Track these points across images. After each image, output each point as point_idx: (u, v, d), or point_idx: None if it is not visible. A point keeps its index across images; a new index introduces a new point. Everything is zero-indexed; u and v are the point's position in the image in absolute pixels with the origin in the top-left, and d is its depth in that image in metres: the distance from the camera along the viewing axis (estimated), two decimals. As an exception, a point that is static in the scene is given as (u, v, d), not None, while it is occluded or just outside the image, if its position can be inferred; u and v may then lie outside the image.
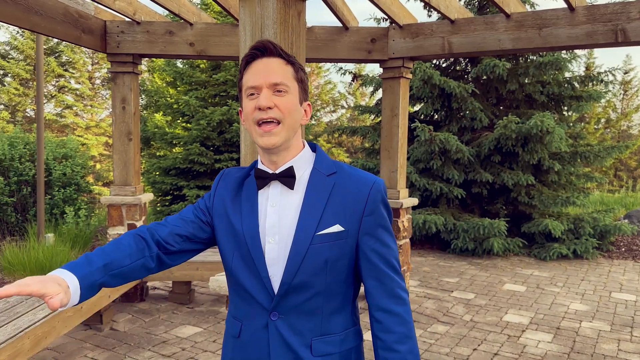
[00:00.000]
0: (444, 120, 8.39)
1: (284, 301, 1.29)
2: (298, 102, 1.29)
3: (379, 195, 1.30)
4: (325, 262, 1.27)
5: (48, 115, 18.38)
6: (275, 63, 1.27)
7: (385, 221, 1.32)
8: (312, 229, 1.26)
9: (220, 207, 1.38)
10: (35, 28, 3.89)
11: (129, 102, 4.90)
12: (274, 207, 1.30)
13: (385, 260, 1.31)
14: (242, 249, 1.32)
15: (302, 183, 1.31)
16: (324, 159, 1.35)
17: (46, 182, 7.20)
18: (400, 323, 1.30)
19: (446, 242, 7.72)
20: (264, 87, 1.25)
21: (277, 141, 1.25)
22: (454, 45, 4.70)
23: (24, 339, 3.20)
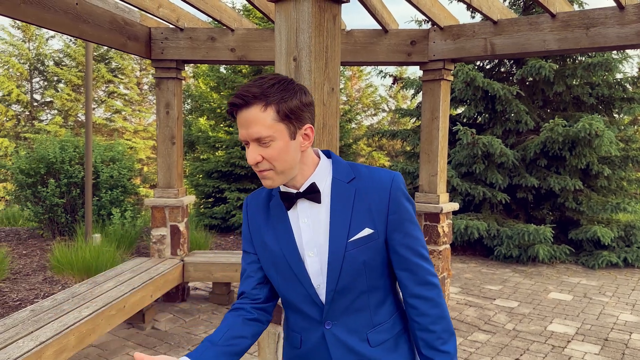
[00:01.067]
0: (488, 123, 8.21)
1: (333, 308, 1.37)
2: (288, 140, 1.27)
3: (400, 191, 1.36)
4: (363, 263, 1.34)
5: (98, 120, 19.06)
6: (252, 113, 1.24)
7: (409, 214, 1.38)
8: (344, 237, 1.33)
9: (256, 233, 1.45)
10: (83, 35, 4.04)
11: (172, 107, 5.02)
12: (306, 223, 1.37)
13: (414, 251, 1.37)
14: (285, 269, 1.39)
15: (325, 194, 1.36)
16: (340, 165, 1.39)
17: (94, 184, 7.46)
18: (434, 306, 1.38)
19: (489, 249, 7.54)
20: (250, 141, 1.28)
21: (273, 184, 1.32)
22: (497, 46, 4.59)
23: (69, 335, 3.32)
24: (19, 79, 19.13)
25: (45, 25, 3.63)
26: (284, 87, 1.26)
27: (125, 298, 4.00)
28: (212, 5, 4.53)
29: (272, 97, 1.24)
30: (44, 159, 7.24)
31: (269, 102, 1.24)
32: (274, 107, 1.24)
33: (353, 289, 1.36)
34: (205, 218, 8.50)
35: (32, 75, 19.38)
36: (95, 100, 19.74)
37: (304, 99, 1.29)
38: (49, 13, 3.63)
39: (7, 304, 4.81)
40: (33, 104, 19.41)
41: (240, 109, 1.25)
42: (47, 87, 19.57)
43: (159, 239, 5.04)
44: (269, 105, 1.24)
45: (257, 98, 1.23)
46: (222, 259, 5.09)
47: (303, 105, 1.29)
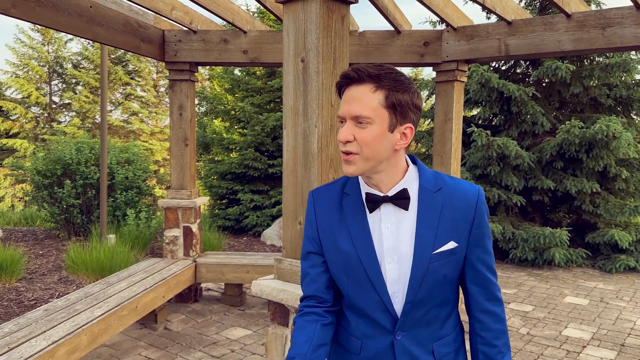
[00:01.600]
0: (503, 124, 8.12)
1: (407, 319, 1.35)
2: (386, 129, 1.24)
3: (484, 206, 1.35)
4: (444, 277, 1.33)
5: (115, 122, 19.27)
6: (361, 91, 1.23)
7: (488, 229, 1.38)
8: (429, 248, 1.30)
9: (326, 233, 1.39)
10: (97, 38, 4.08)
11: (185, 108, 5.05)
12: (389, 229, 1.32)
13: (489, 267, 1.38)
14: (358, 273, 1.34)
15: (412, 202, 1.33)
16: (426, 173, 1.36)
17: (109, 186, 7.54)
18: (498, 321, 1.39)
19: (504, 252, 7.45)
20: (347, 118, 1.25)
21: (354, 171, 1.27)
22: (511, 47, 4.54)
23: (81, 335, 3.35)
24: (38, 82, 19.43)
25: (59, 28, 3.67)
26: (400, 80, 1.25)
27: (137, 298, 4.03)
28: (225, 8, 4.54)
29: (386, 82, 1.23)
30: (61, 160, 7.34)
31: (382, 86, 1.23)
32: (384, 92, 1.23)
33: (429, 301, 1.34)
34: (219, 219, 8.54)
35: (51, 78, 19.68)
36: (112, 102, 19.98)
37: (415, 100, 1.27)
38: (63, 16, 3.67)
39: (23, 303, 4.88)
40: (52, 106, 19.71)
41: (352, 84, 1.25)
42: (65, 89, 19.86)
43: (172, 239, 5.07)
44: (380, 88, 1.23)
45: (371, 77, 1.23)
46: (234, 260, 5.10)
47: (412, 104, 1.26)
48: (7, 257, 5.41)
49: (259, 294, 2.24)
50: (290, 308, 2.27)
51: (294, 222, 2.30)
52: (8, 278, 5.35)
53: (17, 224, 9.31)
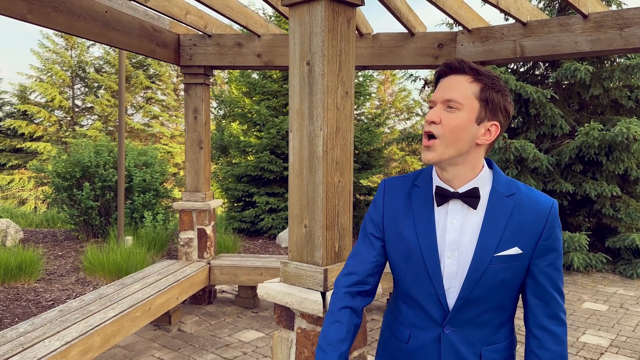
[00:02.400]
0: (522, 127, 8.01)
1: (458, 315, 1.35)
2: (473, 120, 1.28)
3: (556, 220, 1.33)
4: (502, 281, 1.32)
5: (136, 125, 19.54)
6: (460, 79, 1.29)
7: (559, 244, 1.35)
8: (492, 250, 1.30)
9: (391, 220, 1.43)
10: (112, 43, 4.14)
11: (200, 112, 5.09)
12: (454, 224, 1.34)
13: (553, 283, 1.34)
14: (417, 263, 1.36)
15: (482, 202, 1.34)
16: (501, 177, 1.37)
17: (127, 188, 7.64)
18: (557, 343, 1.35)
19: (522, 256, 7.34)
20: (438, 102, 1.30)
21: (432, 157, 1.29)
22: (526, 48, 4.48)
23: (94, 336, 3.39)
24: (62, 86, 19.81)
25: (75, 32, 3.74)
26: (498, 81, 1.31)
27: (151, 300, 4.07)
28: (239, 12, 4.57)
29: (484, 77, 1.29)
30: (80, 163, 7.46)
31: (480, 80, 1.29)
32: (481, 86, 1.29)
33: (483, 303, 1.34)
34: (234, 221, 8.59)
35: (74, 82, 20.04)
36: (133, 106, 20.27)
37: (507, 104, 1.32)
38: (78, 21, 3.74)
39: (41, 303, 4.96)
40: (74, 109, 20.06)
41: (453, 72, 1.31)
42: (87, 93, 20.21)
43: (186, 241, 5.11)
44: (478, 81, 1.29)
45: (472, 70, 1.29)
46: (248, 262, 5.12)
47: (503, 107, 1.31)
48: (27, 258, 5.52)
49: (265, 297, 2.24)
50: (296, 312, 2.27)
51: (300, 225, 2.30)
52: (27, 279, 5.45)
53: (38, 225, 9.50)
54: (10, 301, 4.95)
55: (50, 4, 3.47)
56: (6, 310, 4.73)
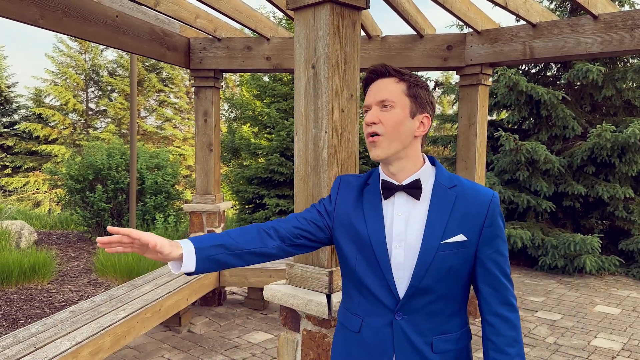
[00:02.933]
0: (533, 128, 7.96)
1: (409, 303, 1.40)
2: (407, 115, 1.40)
3: (497, 208, 1.42)
4: (450, 268, 1.38)
5: (149, 128, 19.70)
6: (387, 82, 1.42)
7: (502, 232, 1.43)
8: (438, 237, 1.37)
9: (342, 212, 1.51)
10: (123, 47, 4.19)
11: (210, 115, 5.13)
12: (400, 216, 1.42)
13: (501, 269, 1.41)
14: (367, 253, 1.43)
15: (426, 194, 1.42)
16: (443, 172, 1.46)
17: (139, 190, 7.71)
18: (511, 328, 1.41)
19: (533, 259, 7.29)
20: (373, 104, 1.41)
21: (381, 152, 1.40)
22: (536, 50, 4.45)
23: (104, 336, 3.43)
24: (76, 89, 20.04)
25: (87, 37, 3.79)
26: (419, 79, 1.44)
27: (161, 301, 4.10)
28: (248, 15, 4.61)
29: (408, 77, 1.42)
30: (92, 166, 7.55)
31: (405, 79, 1.41)
32: (407, 84, 1.41)
33: (433, 291, 1.39)
34: (245, 223, 8.63)
35: (88, 85, 20.26)
36: (146, 109, 20.44)
37: (430, 98, 1.46)
38: (89, 26, 3.79)
39: (54, 304, 5.03)
40: (88, 112, 20.28)
41: (379, 77, 1.43)
42: (101, 96, 20.42)
43: (196, 244, 5.14)
44: (403, 80, 1.41)
45: (396, 72, 1.42)
46: (257, 264, 5.14)
47: (428, 100, 1.44)
48: (40, 259, 5.59)
49: (270, 299, 2.26)
50: (301, 313, 2.28)
51: (305, 227, 2.31)
52: (40, 280, 5.52)
53: (52, 227, 9.61)
54: (24, 302, 5.02)
55: (62, 9, 3.52)
56: (20, 311, 4.79)
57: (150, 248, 1.30)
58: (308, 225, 1.51)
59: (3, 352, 3.03)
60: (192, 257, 1.37)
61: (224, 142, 10.52)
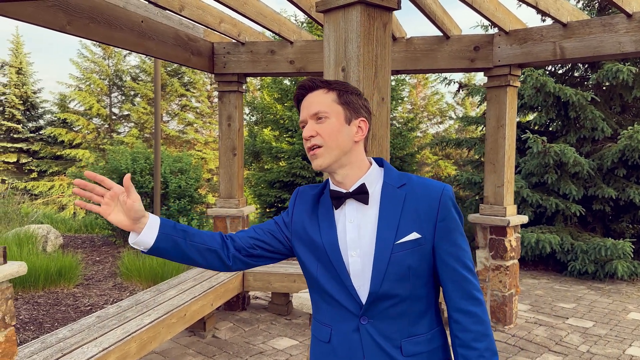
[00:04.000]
0: (561, 130, 7.79)
1: (372, 308, 1.37)
2: (343, 122, 1.39)
3: (450, 201, 1.38)
4: (408, 268, 1.35)
5: (172, 132, 19.88)
6: (316, 94, 1.41)
7: (458, 225, 1.39)
8: (391, 238, 1.35)
9: (298, 223, 1.50)
10: (148, 52, 4.20)
11: (234, 119, 5.12)
12: (352, 223, 1.40)
13: (461, 263, 1.38)
14: (325, 261, 1.42)
15: (375, 197, 1.40)
16: (392, 172, 1.44)
17: (163, 194, 7.74)
18: (477, 322, 1.37)
19: (563, 264, 7.12)
20: (307, 119, 1.41)
21: (322, 162, 1.38)
22: (567, 50, 4.34)
23: (130, 342, 3.42)
24: (99, 94, 20.32)
25: (113, 43, 3.80)
26: (348, 85, 1.44)
27: (186, 306, 4.09)
28: (272, 19, 4.58)
29: (335, 85, 1.42)
30: (117, 170, 7.60)
31: (332, 88, 1.41)
32: (336, 92, 1.40)
33: (395, 294, 1.36)
34: (268, 228, 8.59)
35: (111, 90, 20.54)
36: (169, 113, 20.63)
37: (363, 102, 1.45)
38: (115, 31, 3.80)
39: (79, 308, 5.06)
40: (112, 117, 20.55)
41: (308, 91, 1.42)
42: (124, 101, 20.67)
43: (220, 248, 5.13)
44: (331, 90, 1.41)
45: (323, 83, 1.42)
46: (281, 269, 5.11)
47: (360, 102, 1.43)
48: (66, 263, 5.64)
49: (300, 307, 2.21)
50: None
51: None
52: (66, 284, 5.57)
53: (77, 231, 9.72)
54: (51, 306, 5.06)
55: (89, 16, 3.53)
56: (46, 315, 4.83)
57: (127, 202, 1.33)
58: (264, 236, 1.51)
59: (31, 357, 3.04)
60: (155, 230, 1.39)
61: (245, 146, 10.53)
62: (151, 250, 1.41)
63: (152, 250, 1.40)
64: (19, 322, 4.62)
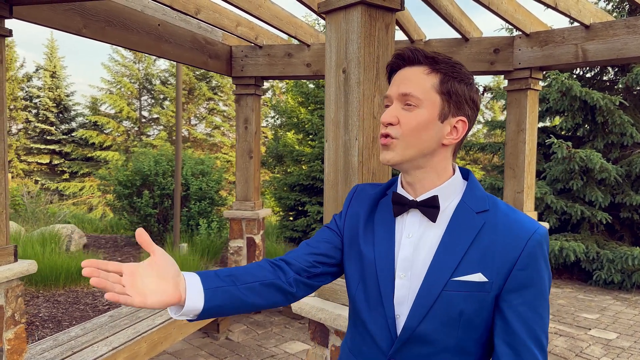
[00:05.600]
0: (588, 135, 7.58)
1: (405, 349, 1.12)
2: (435, 117, 1.10)
3: (540, 249, 1.07)
4: (460, 314, 1.08)
5: (199, 135, 20.13)
6: (415, 72, 1.11)
7: (542, 282, 1.07)
8: (449, 272, 1.08)
9: (351, 228, 1.25)
10: (165, 55, 4.24)
11: (250, 122, 5.13)
12: (410, 239, 1.15)
13: (530, 330, 1.06)
14: (370, 280, 1.18)
15: (445, 216, 1.13)
16: (476, 190, 1.16)
17: (184, 196, 7.83)
18: None
19: (587, 273, 6.91)
20: (394, 98, 1.13)
21: (391, 158, 1.12)
22: (589, 52, 4.21)
23: (141, 342, 3.44)
24: (130, 97, 20.72)
25: (129, 45, 3.85)
26: (459, 68, 1.12)
27: (198, 308, 4.10)
28: (288, 22, 4.58)
29: (443, 66, 1.11)
30: (140, 172, 7.72)
31: (438, 70, 1.11)
32: (440, 77, 1.10)
33: (437, 340, 1.09)
34: (287, 230, 8.61)
35: (141, 94, 20.92)
36: (197, 116, 20.91)
37: (473, 94, 1.14)
38: (132, 34, 3.85)
39: (97, 307, 5.13)
40: (141, 120, 20.93)
41: (406, 64, 1.13)
42: (153, 104, 21.03)
43: (236, 250, 5.15)
44: (436, 71, 1.11)
45: (427, 59, 1.12)
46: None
47: (469, 97, 1.13)
48: (87, 263, 5.73)
49: (299, 312, 2.18)
50: (330, 328, 2.19)
51: (335, 238, 2.22)
52: (87, 283, 5.66)
53: (103, 231, 9.91)
54: (70, 304, 5.15)
55: (105, 19, 3.59)
56: (65, 313, 4.92)
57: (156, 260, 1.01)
58: (322, 247, 1.25)
59: (42, 354, 3.09)
60: (199, 288, 1.05)
61: (269, 149, 10.58)
62: (203, 314, 1.07)
63: (203, 313, 1.06)
64: (38, 319, 4.72)
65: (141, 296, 0.97)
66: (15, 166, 21.00)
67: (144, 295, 0.98)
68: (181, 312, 1.04)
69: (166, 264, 1.02)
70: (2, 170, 2.65)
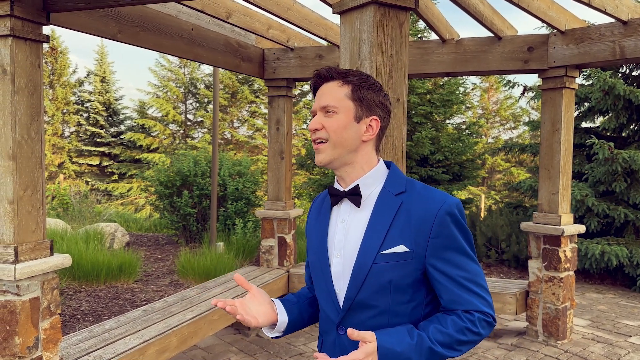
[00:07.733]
0: (632, 135, 7.29)
1: (348, 317, 1.34)
2: (351, 119, 1.33)
3: (448, 217, 1.27)
4: (389, 281, 1.28)
5: (241, 138, 20.50)
6: (330, 86, 1.36)
7: (458, 243, 1.29)
8: (376, 247, 1.29)
9: (308, 229, 1.51)
10: (198, 58, 4.37)
11: (282, 123, 5.21)
12: (343, 224, 1.37)
13: (459, 284, 1.28)
14: (314, 264, 1.42)
15: (370, 201, 1.35)
16: (396, 177, 1.37)
17: (222, 196, 8.00)
18: (457, 330, 1.27)
19: (631, 278, 6.64)
20: (317, 111, 1.36)
21: (323, 158, 1.34)
22: (627, 49, 4.08)
23: (171, 336, 3.56)
24: (175, 101, 21.31)
25: (163, 50, 4.00)
26: (366, 79, 1.36)
27: (228, 305, 4.20)
28: (318, 24, 4.63)
29: (352, 78, 1.35)
30: (180, 173, 7.95)
31: (348, 82, 1.35)
32: (351, 87, 1.34)
33: (373, 306, 1.31)
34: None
35: (186, 98, 21.47)
36: (239, 119, 21.29)
37: (381, 98, 1.37)
38: (165, 39, 3.99)
39: (135, 303, 5.33)
40: (187, 123, 21.47)
41: (324, 81, 1.38)
42: (198, 108, 21.55)
43: (267, 249, 5.24)
44: (347, 83, 1.35)
45: (339, 75, 1.36)
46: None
47: (378, 101, 1.36)
48: (127, 260, 5.96)
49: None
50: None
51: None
52: (126, 279, 5.88)
53: (147, 230, 10.24)
54: (110, 299, 5.37)
55: (139, 24, 3.74)
56: (105, 307, 5.13)
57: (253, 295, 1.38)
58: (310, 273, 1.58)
59: (78, 345, 3.24)
60: (282, 307, 1.43)
61: (307, 150, 10.66)
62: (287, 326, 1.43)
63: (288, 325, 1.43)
64: (80, 312, 4.94)
65: (254, 318, 1.33)
66: (68, 167, 21.95)
67: (256, 318, 1.34)
68: (275, 327, 1.42)
69: (261, 295, 1.40)
70: (39, 169, 2.81)
